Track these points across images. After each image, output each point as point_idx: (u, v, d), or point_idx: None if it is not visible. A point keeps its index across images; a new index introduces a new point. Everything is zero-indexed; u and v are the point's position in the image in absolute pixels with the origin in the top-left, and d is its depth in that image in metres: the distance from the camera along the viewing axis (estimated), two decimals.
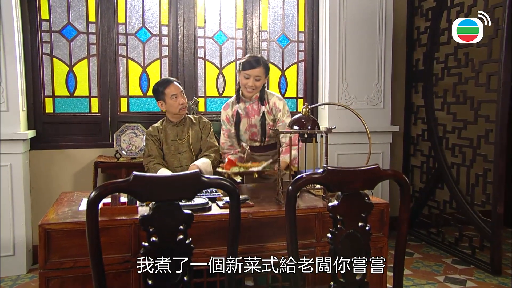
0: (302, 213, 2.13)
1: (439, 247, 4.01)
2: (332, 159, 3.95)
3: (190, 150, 3.05)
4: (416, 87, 4.39)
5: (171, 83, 3.02)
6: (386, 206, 2.24)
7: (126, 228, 1.93)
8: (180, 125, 3.09)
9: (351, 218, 1.61)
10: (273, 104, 2.98)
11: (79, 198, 2.33)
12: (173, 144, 3.05)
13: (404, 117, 4.50)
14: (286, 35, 4.21)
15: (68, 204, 2.22)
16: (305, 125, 2.33)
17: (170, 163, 3.02)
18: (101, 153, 3.79)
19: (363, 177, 1.61)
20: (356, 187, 1.61)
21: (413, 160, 4.48)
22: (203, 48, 4.02)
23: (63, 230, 1.87)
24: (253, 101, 3.00)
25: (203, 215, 2.05)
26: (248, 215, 2.09)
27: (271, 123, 2.98)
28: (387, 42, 4.14)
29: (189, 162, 3.01)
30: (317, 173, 1.59)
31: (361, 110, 4.02)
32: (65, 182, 3.74)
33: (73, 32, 3.76)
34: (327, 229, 2.10)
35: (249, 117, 3.02)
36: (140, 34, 3.89)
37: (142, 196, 1.43)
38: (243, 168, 2.56)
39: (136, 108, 3.94)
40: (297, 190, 1.57)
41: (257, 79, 2.89)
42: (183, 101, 3.01)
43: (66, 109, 3.80)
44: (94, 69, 3.81)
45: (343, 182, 1.60)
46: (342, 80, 4.03)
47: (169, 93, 2.99)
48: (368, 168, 1.62)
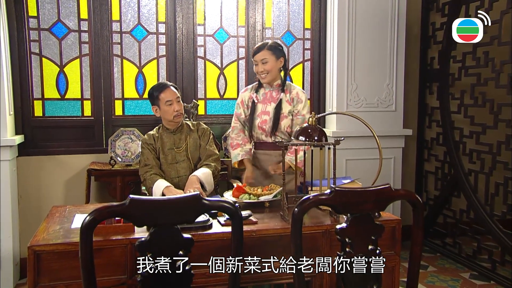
0: (308, 230, 2.15)
1: (456, 259, 4.03)
2: (340, 165, 3.97)
3: (189, 159, 3.07)
4: (431, 88, 4.40)
5: (167, 88, 3.03)
6: (397, 222, 2.25)
7: (121, 249, 1.95)
8: (177, 132, 3.10)
9: (360, 241, 1.63)
10: (296, 94, 3.04)
11: (71, 214, 2.36)
12: (170, 153, 3.07)
13: (417, 120, 4.52)
14: (292, 32, 4.22)
15: (59, 220, 2.24)
16: (312, 135, 2.34)
17: (167, 173, 3.04)
18: (94, 159, 3.81)
19: (373, 198, 1.63)
20: (365, 209, 1.63)
21: (427, 165, 4.49)
22: (203, 46, 4.04)
23: (54, 251, 1.89)
24: (273, 88, 3.07)
25: (204, 233, 2.07)
26: (251, 233, 2.11)
27: (286, 113, 3.01)
28: (400, 39, 4.14)
29: (188, 172, 3.03)
30: (324, 194, 1.60)
31: (372, 113, 4.08)
32: (55, 191, 3.77)
33: (64, 30, 3.78)
34: (335, 248, 2.14)
35: (264, 103, 3.08)
36: (135, 32, 3.91)
37: (139, 221, 1.45)
38: (253, 197, 2.58)
39: (132, 111, 3.96)
40: (303, 212, 1.59)
41: (264, 62, 2.97)
42: (179, 108, 3.03)
43: (57, 113, 3.82)
44: (87, 69, 3.83)
45: (352, 203, 1.61)
46: (351, 80, 4.04)
47: (164, 99, 3.00)
48: (379, 189, 1.64)
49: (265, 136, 3.07)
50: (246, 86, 4.05)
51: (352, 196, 1.62)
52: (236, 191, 2.65)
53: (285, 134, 3.03)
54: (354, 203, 1.61)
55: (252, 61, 3.06)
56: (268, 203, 2.58)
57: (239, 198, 2.60)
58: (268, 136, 3.06)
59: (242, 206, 2.46)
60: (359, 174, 3.98)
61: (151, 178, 2.92)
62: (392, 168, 4.22)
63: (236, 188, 2.67)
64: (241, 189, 2.66)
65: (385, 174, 4.10)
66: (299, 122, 3.00)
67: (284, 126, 3.02)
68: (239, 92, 4.11)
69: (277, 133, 3.03)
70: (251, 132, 3.12)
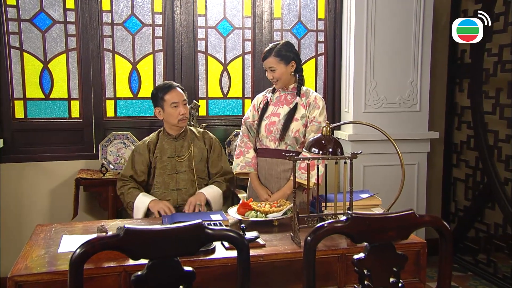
0: (321, 254, 2.17)
1: (491, 280, 4.02)
2: (358, 172, 3.99)
3: (191, 170, 3.11)
4: (461, 85, 4.39)
5: (173, 88, 3.09)
6: (422, 246, 2.27)
7: (115, 277, 1.98)
8: (180, 139, 3.15)
9: (380, 273, 1.65)
10: (314, 99, 3.11)
11: (58, 234, 2.39)
12: (169, 162, 3.11)
13: (445, 121, 4.52)
14: (303, 23, 4.23)
15: (45, 243, 2.27)
16: (326, 147, 2.36)
17: (165, 185, 3.08)
18: (83, 166, 3.85)
19: (395, 226, 1.64)
20: (386, 238, 1.64)
21: (456, 172, 4.50)
22: (204, 40, 4.06)
23: (39, 282, 1.90)
24: (289, 91, 3.14)
25: (206, 259, 2.10)
26: (258, 259, 2.14)
27: (298, 117, 3.07)
28: (426, 29, 4.13)
29: (188, 185, 3.06)
30: (340, 222, 1.62)
31: (393, 114, 4.10)
32: (39, 202, 3.81)
33: (48, 21, 3.80)
34: (351, 275, 2.17)
35: (276, 105, 3.14)
36: (128, 24, 3.93)
37: (136, 254, 1.47)
38: (260, 214, 2.61)
39: (125, 113, 3.99)
40: (317, 242, 1.60)
41: (272, 70, 3.06)
42: (184, 111, 3.08)
43: (41, 114, 3.86)
44: (74, 66, 3.86)
45: (371, 231, 1.63)
46: (370, 77, 4.04)
47: (169, 100, 3.06)
48: (401, 215, 1.65)
49: (270, 141, 3.11)
50: (252, 83, 4.10)
51: (371, 224, 1.63)
52: (242, 208, 2.67)
53: (293, 139, 3.07)
54: (374, 232, 1.63)
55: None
56: (277, 221, 2.60)
57: (245, 215, 2.63)
58: (273, 141, 3.10)
59: (248, 225, 2.49)
60: (379, 183, 4.03)
61: (130, 192, 2.99)
62: (416, 176, 4.23)
63: (241, 204, 2.69)
64: (247, 205, 2.68)
65: (408, 183, 4.11)
66: (314, 129, 3.04)
67: (293, 129, 3.06)
68: (244, 90, 4.16)
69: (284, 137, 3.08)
70: (257, 135, 3.17)
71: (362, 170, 4.08)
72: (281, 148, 3.09)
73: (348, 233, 1.64)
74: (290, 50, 3.08)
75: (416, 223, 1.67)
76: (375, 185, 4.01)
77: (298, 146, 3.10)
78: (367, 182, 4.07)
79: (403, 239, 1.66)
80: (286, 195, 3.00)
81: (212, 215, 2.70)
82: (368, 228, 1.63)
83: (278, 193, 3.07)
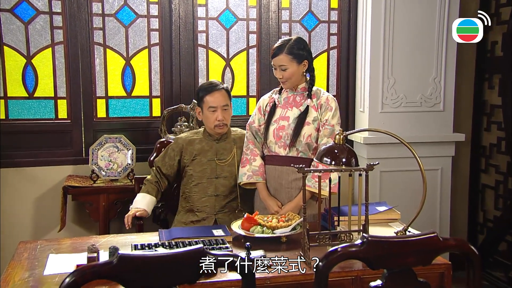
0: (334, 277, 2.17)
1: None
2: (374, 178, 3.98)
3: (234, 176, 3.20)
4: (491, 81, 4.37)
5: (216, 90, 3.17)
6: (447, 268, 2.28)
7: None
8: (222, 141, 3.24)
9: None
10: (326, 100, 3.12)
11: (43, 253, 2.41)
12: (209, 166, 3.19)
13: (472, 121, 4.51)
14: (314, 13, 4.23)
15: (29, 264, 2.28)
16: (339, 157, 2.37)
17: (203, 190, 3.18)
18: (71, 173, 3.87)
19: (415, 250, 1.66)
20: (405, 263, 1.65)
21: (485, 178, 4.49)
22: (204, 32, 4.07)
23: None
24: (298, 92, 3.15)
25: (207, 282, 2.11)
26: (265, 282, 2.15)
27: (310, 121, 3.08)
28: (452, 19, 4.07)
29: (227, 192, 3.18)
30: (354, 246, 1.63)
31: (413, 114, 4.10)
32: (22, 212, 3.82)
33: (31, 11, 3.80)
34: None
35: (285, 108, 3.15)
36: (121, 15, 3.94)
37: (131, 283, 1.49)
38: (267, 230, 2.62)
39: (118, 113, 4.02)
40: (329, 268, 1.62)
41: (283, 69, 3.06)
42: (223, 117, 3.15)
43: (24, 115, 3.87)
44: (61, 61, 3.88)
45: (389, 256, 1.64)
46: (388, 74, 4.04)
47: (208, 103, 3.15)
48: (422, 238, 1.66)
49: (279, 147, 3.12)
50: (258, 81, 4.10)
51: (389, 248, 1.64)
52: (246, 222, 2.69)
53: (304, 145, 3.08)
54: (392, 257, 1.64)
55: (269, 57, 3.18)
56: (285, 237, 2.62)
57: (250, 230, 2.64)
58: (283, 148, 3.11)
59: (253, 241, 2.50)
60: (398, 190, 4.03)
61: (143, 185, 3.20)
62: (439, 182, 4.24)
63: (245, 219, 2.71)
64: (252, 219, 2.70)
65: (431, 190, 4.06)
66: (326, 134, 3.05)
67: (305, 134, 3.06)
68: (249, 88, 4.16)
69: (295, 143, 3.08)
70: (264, 141, 3.18)
71: (379, 177, 4.08)
72: (292, 155, 3.10)
73: (363, 258, 1.65)
74: (303, 47, 3.09)
75: (439, 247, 1.67)
76: (394, 193, 4.02)
77: (311, 153, 3.10)
78: (384, 190, 4.08)
79: (425, 265, 1.67)
80: (299, 206, 2.99)
81: (214, 230, 2.72)
82: (385, 253, 1.64)
83: (290, 204, 3.08)
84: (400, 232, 2.54)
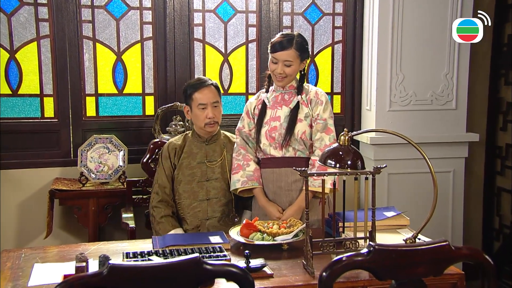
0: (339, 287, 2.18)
1: None
2: (382, 181, 3.98)
3: (224, 178, 3.20)
4: (507, 77, 4.37)
5: (205, 87, 3.18)
6: (460, 278, 2.28)
7: None
8: (212, 142, 3.25)
9: None
10: (315, 95, 3.16)
11: (28, 262, 2.40)
12: (199, 168, 3.20)
13: (487, 120, 4.51)
14: (317, 5, 4.23)
15: (12, 274, 2.27)
16: (344, 159, 2.37)
17: (193, 194, 3.17)
18: (58, 175, 3.87)
19: (426, 260, 1.65)
20: (415, 274, 1.65)
21: (501, 180, 4.49)
22: (201, 26, 4.07)
23: None
24: (286, 90, 3.18)
25: None
26: None
27: (302, 117, 3.12)
28: (465, 11, 4.09)
29: (219, 195, 3.18)
30: (360, 255, 1.64)
31: (424, 113, 4.10)
32: (6, 217, 3.80)
33: (14, 2, 3.78)
34: None
35: (274, 108, 3.17)
36: (112, 7, 3.94)
37: None
38: (267, 236, 2.63)
39: (109, 112, 4.02)
40: (334, 278, 1.62)
41: (287, 65, 3.07)
42: (213, 115, 3.15)
43: (7, 113, 3.86)
44: (47, 56, 3.88)
45: (397, 266, 1.64)
46: (397, 70, 4.04)
47: (197, 100, 3.15)
48: (433, 247, 1.66)
49: (274, 149, 3.14)
50: (257, 77, 4.11)
51: (397, 258, 1.64)
52: (246, 229, 2.69)
53: (300, 143, 3.11)
54: (401, 267, 1.64)
55: (270, 55, 3.12)
56: (286, 245, 2.62)
57: (250, 237, 2.65)
58: (278, 149, 3.13)
59: (253, 249, 2.50)
60: (407, 193, 4.04)
61: (161, 222, 3.09)
62: (451, 185, 4.24)
63: (245, 225, 2.72)
64: (252, 225, 2.70)
65: (443, 194, 4.10)
66: (319, 128, 3.09)
67: (299, 132, 3.10)
68: (248, 85, 4.17)
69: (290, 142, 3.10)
70: (257, 145, 3.20)
71: (387, 179, 4.08)
72: (290, 156, 3.12)
73: (370, 268, 1.66)
74: (307, 45, 3.14)
75: (451, 257, 1.67)
76: (403, 197, 4.02)
77: (309, 151, 3.14)
78: (392, 194, 4.08)
79: (436, 275, 1.67)
80: (302, 209, 2.99)
81: (211, 237, 2.72)
82: (393, 263, 1.64)
83: (291, 208, 3.09)
84: (409, 239, 2.54)
